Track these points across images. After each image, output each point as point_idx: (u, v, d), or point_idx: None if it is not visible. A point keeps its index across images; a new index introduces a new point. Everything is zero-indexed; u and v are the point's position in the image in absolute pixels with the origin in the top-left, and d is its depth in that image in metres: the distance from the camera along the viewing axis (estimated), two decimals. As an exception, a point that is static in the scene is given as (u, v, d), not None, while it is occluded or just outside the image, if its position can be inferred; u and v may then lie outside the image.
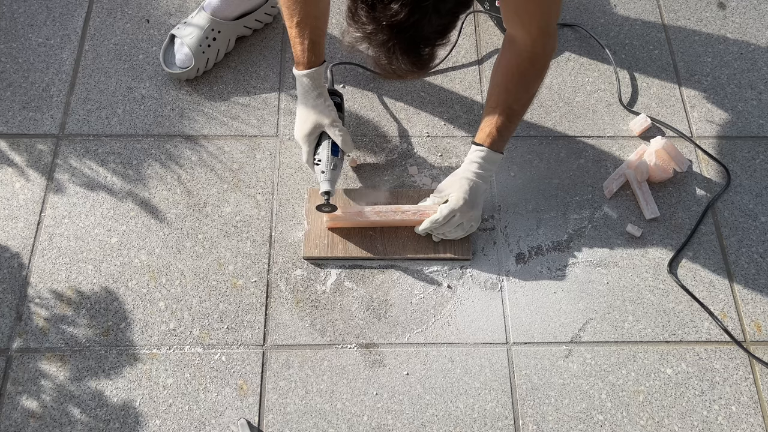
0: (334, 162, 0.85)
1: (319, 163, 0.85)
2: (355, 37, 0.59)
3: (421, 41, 0.59)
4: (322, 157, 0.85)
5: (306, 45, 0.81)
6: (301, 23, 0.79)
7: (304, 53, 0.82)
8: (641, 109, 1.03)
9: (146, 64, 1.04)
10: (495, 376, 0.83)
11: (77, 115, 0.99)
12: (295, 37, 0.81)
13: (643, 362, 0.84)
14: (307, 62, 0.82)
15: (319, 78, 0.84)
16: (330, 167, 0.84)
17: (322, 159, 0.85)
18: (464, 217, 0.84)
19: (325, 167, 0.85)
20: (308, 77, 0.83)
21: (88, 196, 0.93)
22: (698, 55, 1.09)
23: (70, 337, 0.84)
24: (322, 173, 0.85)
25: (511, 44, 0.80)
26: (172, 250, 0.89)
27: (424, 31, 0.58)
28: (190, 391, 0.81)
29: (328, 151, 0.85)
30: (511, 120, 0.82)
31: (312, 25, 0.80)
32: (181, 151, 0.97)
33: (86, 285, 0.87)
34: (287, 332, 0.85)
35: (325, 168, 0.84)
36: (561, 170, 0.97)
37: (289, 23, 0.80)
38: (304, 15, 0.79)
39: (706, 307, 0.88)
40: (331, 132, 0.85)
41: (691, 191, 0.96)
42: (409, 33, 0.57)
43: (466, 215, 0.84)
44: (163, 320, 0.85)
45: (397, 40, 0.58)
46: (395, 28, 0.56)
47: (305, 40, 0.81)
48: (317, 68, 0.83)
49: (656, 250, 0.92)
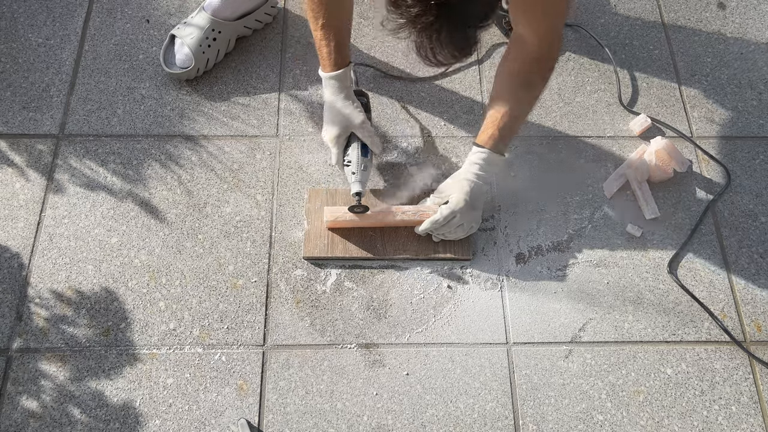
0: (365, 163, 0.87)
1: (349, 165, 0.87)
2: (399, 23, 0.59)
3: (467, 21, 0.59)
4: (352, 159, 0.87)
5: (332, 47, 0.82)
6: (326, 25, 0.81)
7: (330, 55, 0.83)
8: (641, 109, 1.04)
9: (146, 64, 1.05)
10: (495, 376, 0.84)
11: (77, 116, 1.00)
12: (321, 39, 0.82)
13: (643, 362, 0.85)
14: (334, 64, 0.84)
15: (346, 79, 0.85)
16: (360, 168, 0.86)
17: (353, 160, 0.86)
18: (464, 218, 0.85)
19: (355, 168, 0.86)
20: (335, 79, 0.85)
21: (88, 197, 0.94)
22: (698, 55, 1.10)
23: (70, 337, 0.84)
24: (352, 174, 0.86)
25: (517, 44, 0.80)
26: (172, 250, 0.90)
27: (470, 11, 0.58)
28: (190, 391, 0.81)
29: (358, 152, 0.87)
30: (514, 122, 0.83)
31: (337, 26, 0.82)
32: (181, 151, 0.98)
33: (86, 285, 0.87)
34: (287, 332, 0.85)
35: (355, 169, 0.86)
36: (561, 170, 0.98)
37: (314, 26, 0.81)
38: (328, 17, 0.80)
39: (706, 307, 0.88)
40: (361, 133, 0.87)
41: (691, 191, 0.97)
42: (456, 12, 0.57)
43: (467, 216, 0.85)
44: (163, 320, 0.85)
45: (444, 20, 0.57)
46: (443, 8, 0.56)
47: (331, 42, 0.82)
48: (344, 69, 0.84)
49: (656, 250, 0.92)
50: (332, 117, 0.87)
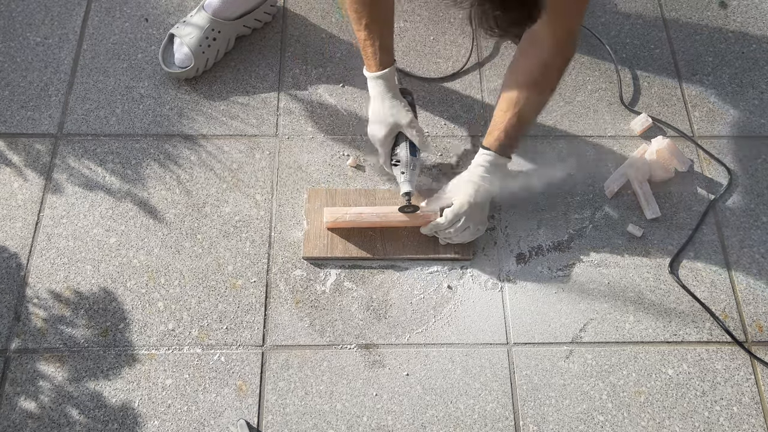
0: (414, 162, 0.86)
1: (398, 164, 0.86)
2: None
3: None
4: (401, 158, 0.86)
5: (377, 46, 0.81)
6: (370, 25, 0.80)
7: (375, 55, 0.82)
8: (642, 109, 1.04)
9: (145, 63, 1.04)
10: (495, 376, 0.84)
11: (75, 115, 1.00)
12: (365, 39, 0.82)
13: (644, 363, 0.85)
14: (380, 63, 0.83)
15: (393, 78, 0.85)
16: (410, 168, 0.86)
17: (402, 160, 0.86)
18: (470, 221, 0.84)
19: (405, 168, 0.86)
20: (383, 78, 0.84)
21: (87, 196, 0.94)
22: (699, 54, 1.09)
23: (69, 338, 0.84)
24: (402, 174, 0.86)
25: (532, 45, 0.79)
26: (171, 250, 0.90)
27: None
28: (189, 391, 0.81)
29: (407, 151, 0.86)
30: (523, 124, 0.82)
31: (380, 25, 0.81)
32: (179, 150, 0.98)
33: (84, 285, 0.87)
34: (286, 333, 0.85)
35: (404, 169, 0.86)
36: (561, 170, 0.98)
37: (357, 26, 0.81)
38: (372, 16, 0.80)
39: (708, 307, 0.88)
40: (409, 133, 0.86)
41: (692, 191, 0.97)
42: None
43: (472, 219, 0.84)
44: (162, 321, 0.85)
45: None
46: None
47: (376, 42, 0.81)
48: (390, 68, 0.84)
49: (657, 250, 0.92)
50: (380, 117, 0.85)
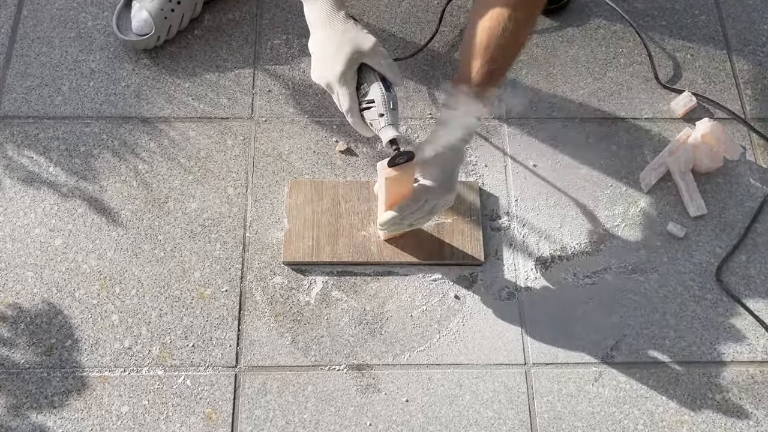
0: (391, 99, 0.72)
1: (371, 106, 0.72)
2: None
3: None
4: (375, 97, 0.72)
5: None
6: None
7: None
8: (685, 86, 1.00)
9: (96, 31, 1.00)
10: (511, 403, 0.80)
11: (14, 94, 0.96)
12: None
13: (687, 387, 0.82)
14: None
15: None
16: (389, 107, 0.72)
17: (376, 99, 0.72)
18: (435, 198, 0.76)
19: (383, 108, 0.72)
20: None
21: (27, 191, 0.90)
22: (753, 21, 1.05)
23: (5, 358, 0.80)
24: (380, 116, 0.72)
25: None
26: (127, 253, 0.87)
27: None
28: (149, 420, 0.78)
29: (381, 87, 0.72)
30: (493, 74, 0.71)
31: None
32: (137, 136, 0.94)
33: (25, 296, 0.84)
34: (264, 351, 0.82)
35: (383, 110, 0.72)
36: (589, 159, 0.95)
37: None
38: None
39: (762, 321, 0.85)
40: (375, 61, 0.72)
41: (744, 183, 0.94)
42: None
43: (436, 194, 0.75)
44: (117, 337, 0.82)
45: None
46: None
47: None
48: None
49: (703, 254, 0.89)
50: (333, 44, 0.72)
